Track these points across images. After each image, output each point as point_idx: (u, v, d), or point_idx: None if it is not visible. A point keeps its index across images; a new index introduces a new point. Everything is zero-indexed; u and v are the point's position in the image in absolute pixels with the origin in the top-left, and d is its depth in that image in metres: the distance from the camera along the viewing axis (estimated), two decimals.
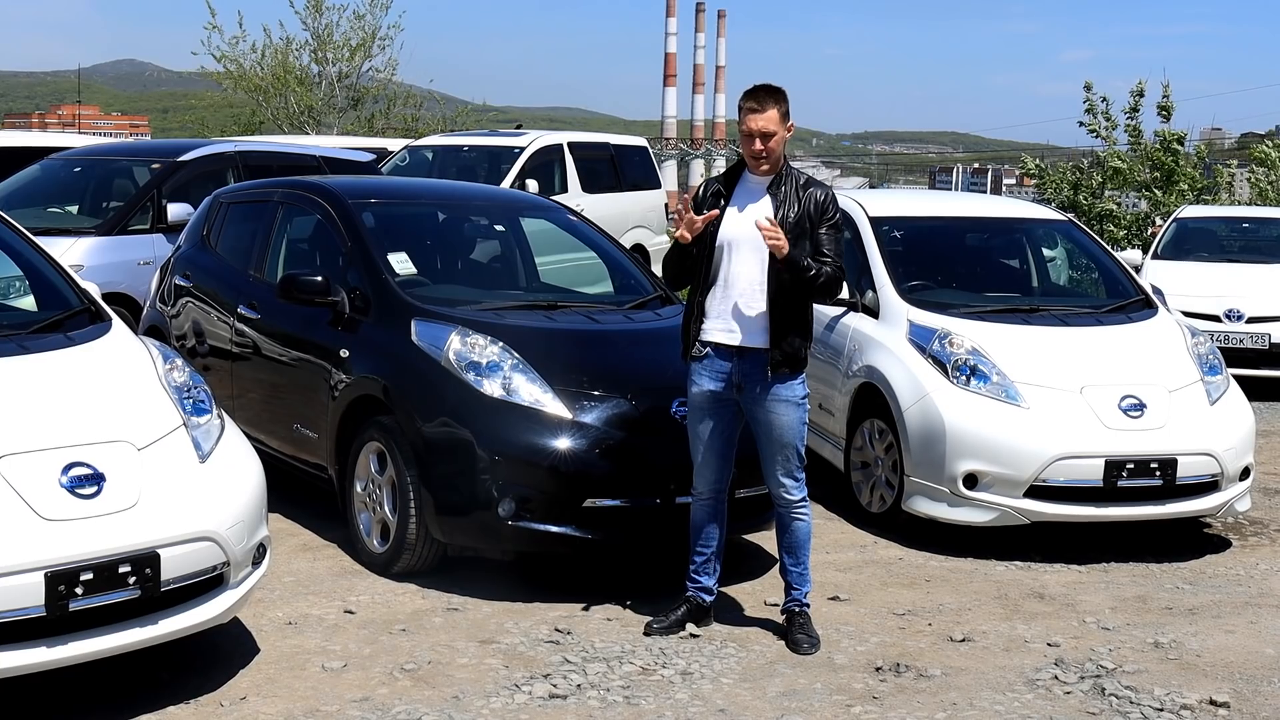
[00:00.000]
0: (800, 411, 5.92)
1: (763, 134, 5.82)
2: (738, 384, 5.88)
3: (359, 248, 7.39)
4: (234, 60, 32.35)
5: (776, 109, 5.85)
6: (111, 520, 4.67)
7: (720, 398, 5.92)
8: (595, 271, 8.36)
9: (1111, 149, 23.24)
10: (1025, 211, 10.28)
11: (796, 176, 5.94)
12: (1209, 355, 8.20)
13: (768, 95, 5.87)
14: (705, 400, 5.94)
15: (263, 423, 7.70)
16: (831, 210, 5.91)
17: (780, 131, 5.86)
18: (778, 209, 5.84)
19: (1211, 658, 6.00)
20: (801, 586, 6.07)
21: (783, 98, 5.90)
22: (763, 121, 5.82)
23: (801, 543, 6.05)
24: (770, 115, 5.83)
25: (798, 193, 5.87)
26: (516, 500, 6.22)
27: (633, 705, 5.22)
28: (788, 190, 5.87)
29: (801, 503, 6.01)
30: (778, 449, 5.91)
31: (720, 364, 5.89)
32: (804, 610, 6.07)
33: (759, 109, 5.83)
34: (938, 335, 7.84)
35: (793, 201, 5.85)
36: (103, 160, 13.19)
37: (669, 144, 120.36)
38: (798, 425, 5.92)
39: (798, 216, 5.83)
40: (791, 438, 5.90)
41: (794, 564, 6.07)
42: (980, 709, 5.32)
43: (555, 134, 18.33)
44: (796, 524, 6.02)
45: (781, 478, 5.95)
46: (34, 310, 6.08)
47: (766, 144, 5.83)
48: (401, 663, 5.55)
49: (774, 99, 5.86)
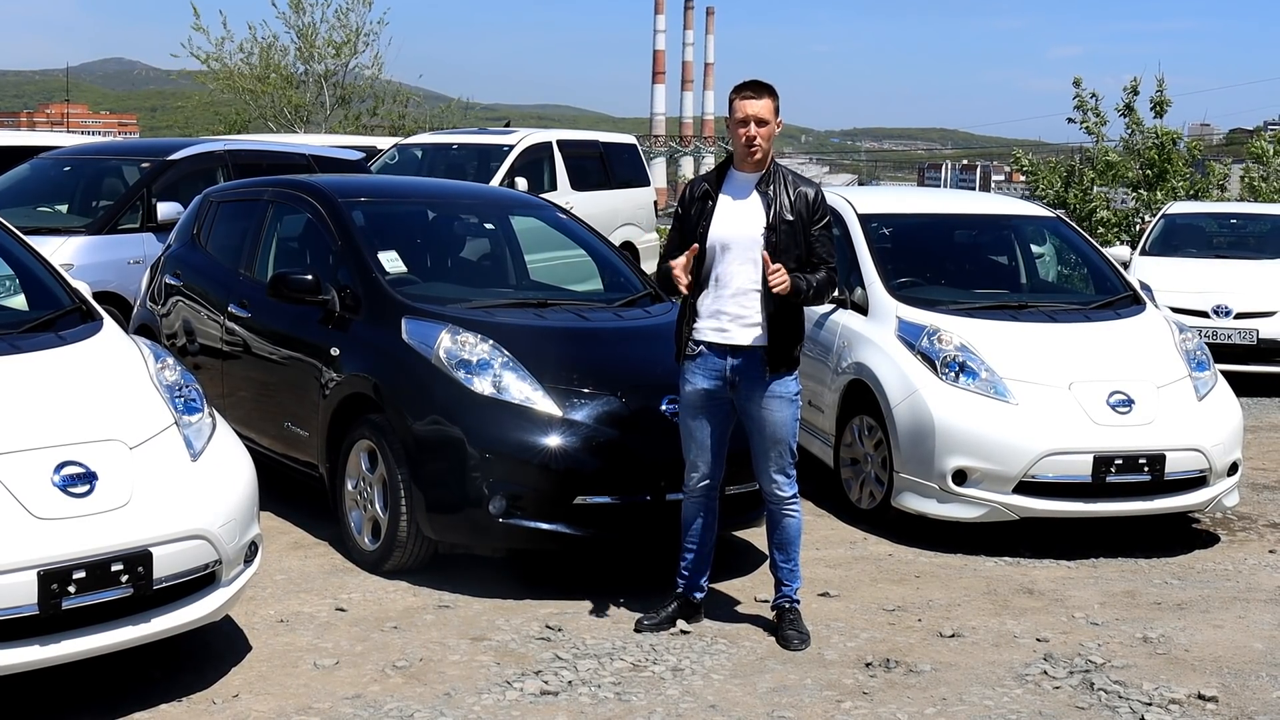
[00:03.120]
0: (794, 408, 5.94)
1: (757, 119, 5.83)
2: (732, 381, 5.89)
3: (349, 246, 7.40)
4: (218, 59, 32.28)
5: (771, 100, 5.90)
6: (103, 519, 4.68)
7: (715, 396, 5.94)
8: (585, 269, 8.37)
9: (1101, 145, 23.25)
10: (1014, 208, 10.31)
11: (785, 174, 5.96)
12: (1197, 351, 8.23)
13: (762, 87, 5.92)
14: (699, 398, 5.96)
15: (254, 421, 7.71)
16: (822, 210, 5.93)
17: (772, 123, 5.89)
18: (768, 207, 5.85)
19: (1200, 652, 6.03)
20: (792, 583, 6.09)
21: (774, 93, 5.94)
22: (757, 107, 5.85)
23: (792, 539, 6.07)
24: (765, 103, 5.87)
25: (787, 189, 5.89)
26: (507, 498, 6.23)
27: (624, 702, 5.24)
28: (777, 188, 5.88)
29: (793, 499, 6.02)
30: (771, 445, 5.93)
31: (715, 362, 5.90)
32: (794, 606, 6.08)
33: (754, 96, 5.87)
34: (926, 332, 7.86)
35: (784, 200, 5.86)
36: (92, 159, 13.17)
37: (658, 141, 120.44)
38: (791, 422, 5.94)
39: (790, 214, 5.84)
40: (785, 434, 5.92)
41: (784, 560, 6.08)
42: (970, 704, 5.35)
43: (544, 132, 18.32)
44: (787, 521, 6.04)
45: (774, 474, 5.97)
46: (25, 310, 6.07)
47: (760, 130, 5.84)
48: (393, 660, 5.56)
49: (768, 92, 5.92)
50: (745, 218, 5.86)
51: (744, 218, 5.86)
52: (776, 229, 5.81)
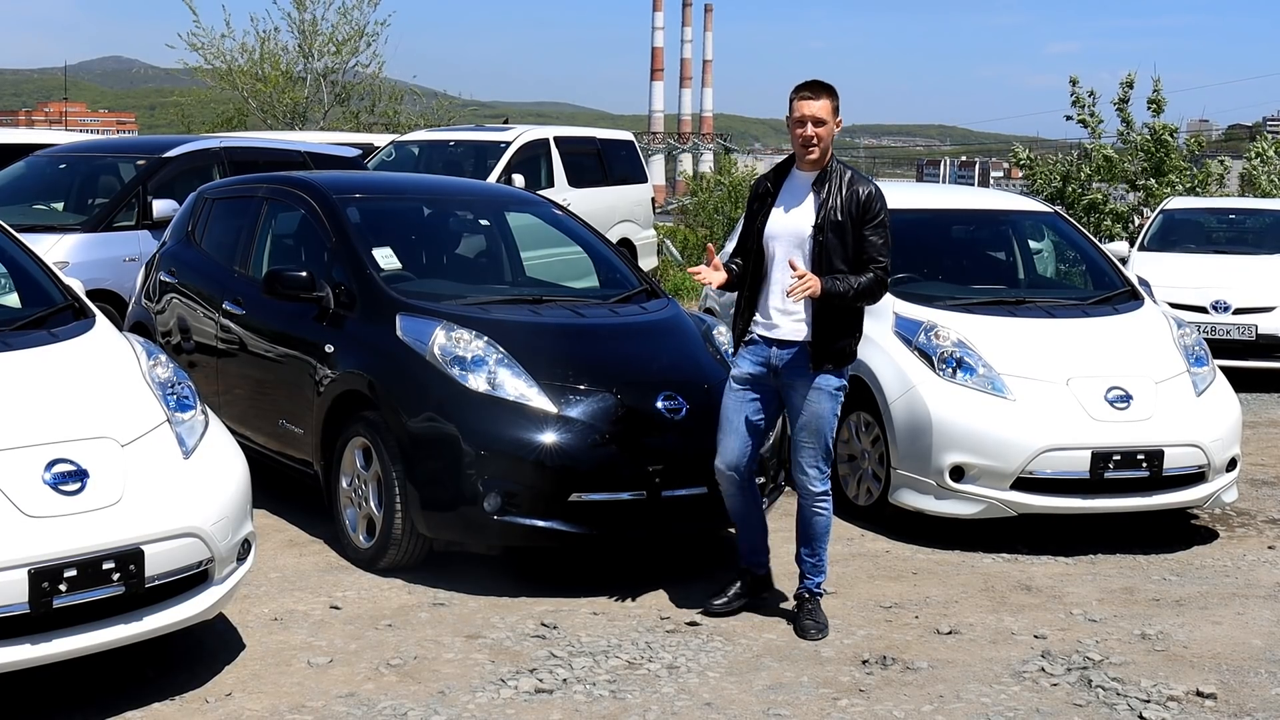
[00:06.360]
0: (834, 403, 5.99)
1: (815, 119, 5.91)
2: (776, 369, 5.98)
3: (344, 243, 7.38)
4: (218, 54, 32.21)
5: (829, 100, 5.96)
6: (95, 517, 4.66)
7: (758, 380, 6.05)
8: (581, 266, 8.35)
9: (1098, 141, 23.23)
10: (1011, 203, 10.28)
11: (842, 173, 6.01)
12: (1195, 346, 8.21)
13: (820, 87, 5.98)
14: (742, 379, 6.08)
15: (248, 419, 7.69)
16: (876, 207, 5.97)
17: (830, 123, 5.94)
18: (819, 207, 5.91)
19: (1198, 649, 6.01)
20: (814, 576, 6.15)
21: (835, 94, 6.01)
22: (815, 107, 5.92)
23: (820, 535, 6.11)
24: (824, 104, 5.94)
25: (841, 190, 5.94)
26: (502, 495, 6.21)
27: (619, 699, 5.22)
28: (831, 187, 5.94)
29: (824, 495, 6.05)
30: (807, 436, 5.98)
31: (762, 349, 6.02)
32: (815, 596, 6.13)
33: (812, 97, 5.95)
34: (924, 327, 7.84)
35: (835, 200, 5.91)
36: (88, 157, 13.17)
37: (656, 138, 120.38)
38: (830, 416, 5.98)
39: (840, 215, 5.90)
40: (822, 426, 5.97)
41: (810, 555, 6.14)
42: (967, 701, 5.33)
43: (541, 129, 18.28)
44: (817, 518, 6.08)
45: (807, 467, 6.00)
46: (17, 307, 6.06)
47: (817, 130, 5.90)
48: (387, 658, 5.54)
49: (827, 92, 5.98)
50: (797, 217, 5.97)
51: (796, 217, 5.98)
52: (824, 229, 5.89)
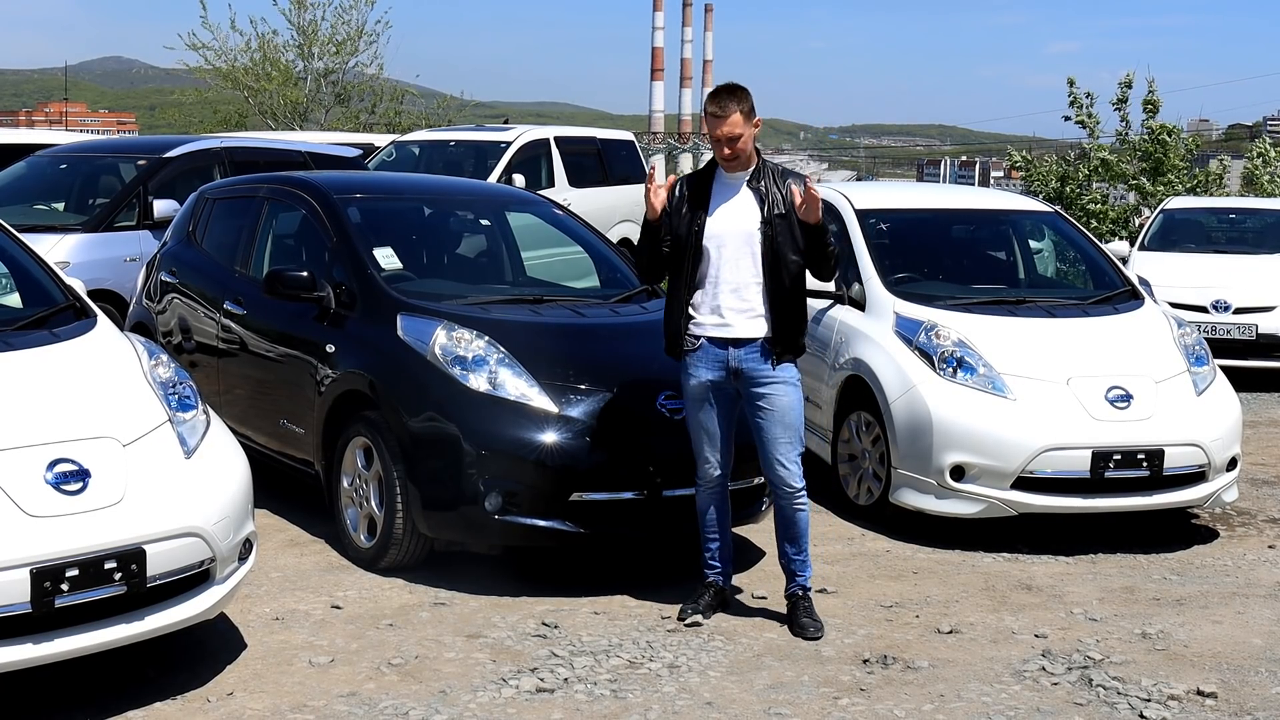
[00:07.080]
0: (799, 392, 6.01)
1: (729, 139, 5.89)
2: (735, 371, 5.94)
3: (344, 243, 7.38)
4: (219, 53, 32.24)
5: (739, 109, 5.89)
6: (97, 516, 4.66)
7: (719, 386, 6.00)
8: (581, 265, 8.35)
9: (1096, 142, 23.25)
10: (1012, 203, 10.29)
11: (774, 169, 6.02)
12: (1195, 346, 8.21)
13: (729, 97, 5.91)
14: (704, 390, 6.02)
15: (249, 418, 7.69)
16: None
17: (746, 131, 5.91)
18: (762, 202, 5.90)
19: (1199, 648, 6.01)
20: (804, 573, 6.14)
21: (744, 96, 5.94)
22: (727, 127, 5.88)
23: (803, 532, 6.10)
24: (734, 119, 5.88)
25: (778, 185, 5.94)
26: (503, 494, 6.22)
27: (620, 699, 5.22)
28: (768, 184, 5.94)
29: (802, 491, 6.05)
30: (781, 431, 5.96)
31: (717, 353, 5.96)
32: (808, 595, 6.12)
33: (721, 115, 5.88)
34: (924, 327, 7.84)
35: (774, 193, 5.92)
36: (89, 157, 13.18)
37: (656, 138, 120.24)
38: (799, 406, 6.00)
39: (783, 207, 5.91)
40: (794, 419, 5.97)
41: (796, 553, 6.12)
42: (967, 700, 5.33)
43: (541, 129, 18.29)
44: (799, 515, 6.07)
45: (788, 462, 5.98)
46: (19, 307, 6.06)
47: (735, 147, 5.90)
48: (388, 657, 5.54)
49: (734, 99, 5.90)
50: (739, 214, 5.94)
51: (738, 215, 5.94)
52: (772, 222, 5.89)
